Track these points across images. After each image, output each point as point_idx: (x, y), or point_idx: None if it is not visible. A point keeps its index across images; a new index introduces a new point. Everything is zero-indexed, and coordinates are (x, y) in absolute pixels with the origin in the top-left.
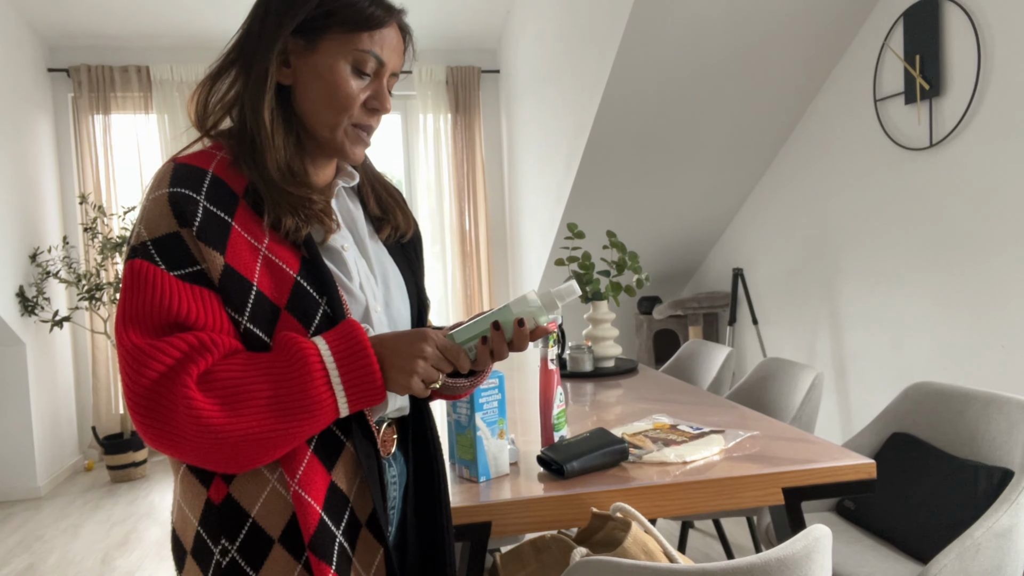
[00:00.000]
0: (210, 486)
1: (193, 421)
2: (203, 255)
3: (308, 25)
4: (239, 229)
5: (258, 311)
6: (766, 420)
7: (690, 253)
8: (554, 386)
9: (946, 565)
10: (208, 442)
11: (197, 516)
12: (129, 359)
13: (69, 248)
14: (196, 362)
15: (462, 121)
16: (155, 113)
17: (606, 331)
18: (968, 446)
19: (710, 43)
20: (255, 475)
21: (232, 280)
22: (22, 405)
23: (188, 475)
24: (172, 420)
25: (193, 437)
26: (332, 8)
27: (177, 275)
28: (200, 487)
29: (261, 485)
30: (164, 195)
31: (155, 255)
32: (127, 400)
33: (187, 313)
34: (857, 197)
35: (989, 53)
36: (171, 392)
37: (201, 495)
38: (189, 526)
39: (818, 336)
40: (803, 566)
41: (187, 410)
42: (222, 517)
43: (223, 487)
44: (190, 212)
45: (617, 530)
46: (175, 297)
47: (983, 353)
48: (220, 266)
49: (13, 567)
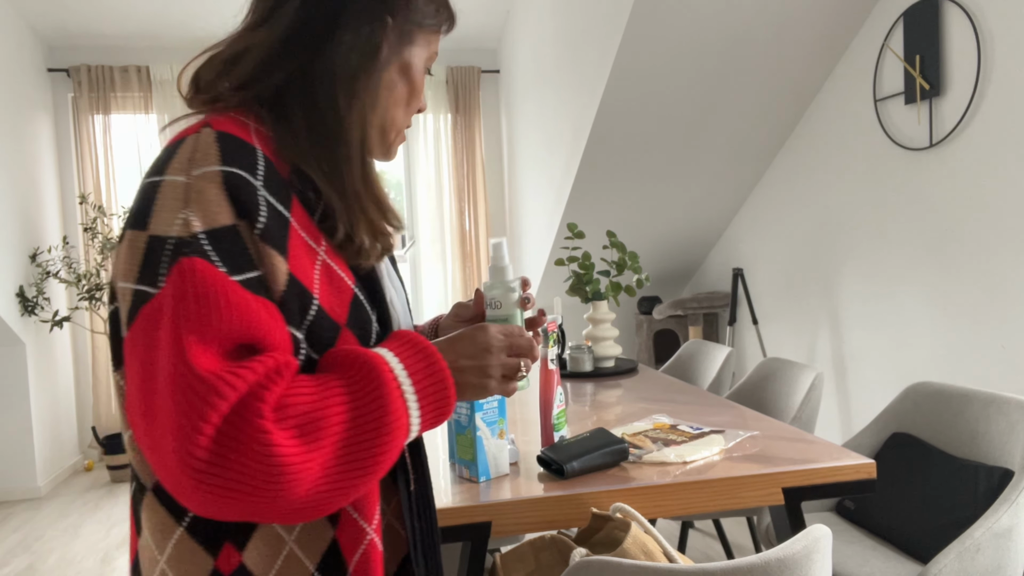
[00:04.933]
0: (218, 554)
1: (265, 462)
2: (262, 258)
3: (412, 11)
4: (296, 228)
5: (316, 329)
6: (766, 420)
7: (690, 253)
8: (554, 386)
9: (946, 565)
10: (280, 487)
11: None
12: (193, 392)
13: (69, 248)
14: (271, 391)
15: (462, 121)
16: (155, 113)
17: (606, 331)
18: (968, 446)
19: (710, 43)
20: (270, 537)
21: (294, 291)
22: (22, 405)
23: (186, 541)
24: (239, 466)
25: (262, 484)
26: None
27: (239, 281)
28: (204, 556)
29: (277, 548)
30: (215, 174)
31: (212, 253)
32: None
33: (264, 333)
34: (857, 197)
35: (989, 53)
36: (240, 431)
37: (205, 566)
38: None
39: (818, 336)
40: (803, 566)
41: (261, 448)
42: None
43: (235, 555)
44: (250, 202)
45: (617, 530)
46: (249, 311)
47: (983, 353)
48: (284, 274)
49: (13, 567)
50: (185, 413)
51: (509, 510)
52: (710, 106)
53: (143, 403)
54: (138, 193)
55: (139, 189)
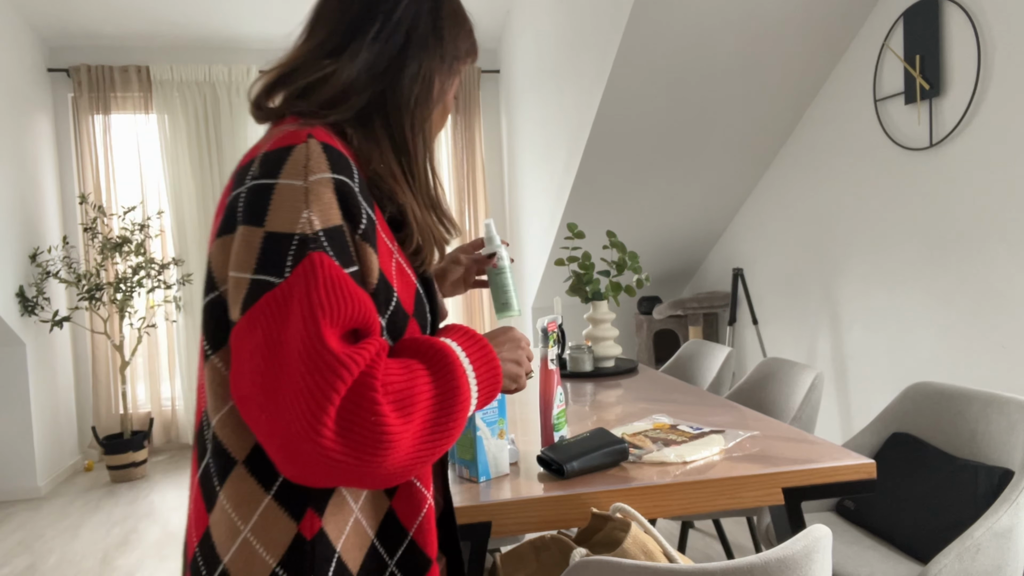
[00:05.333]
0: (302, 519)
1: (375, 430)
2: (360, 255)
3: (457, 48)
4: (380, 230)
5: (394, 318)
6: (766, 420)
7: (690, 253)
8: (554, 386)
9: (946, 565)
10: (385, 454)
11: (278, 555)
12: (327, 367)
13: (69, 248)
14: (379, 368)
15: (462, 121)
16: (155, 113)
17: (606, 331)
18: (968, 446)
19: (710, 43)
20: (342, 505)
21: (382, 285)
22: (22, 405)
23: (273, 508)
24: (356, 434)
25: (371, 450)
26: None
27: (348, 274)
28: (289, 521)
29: (346, 516)
30: (328, 180)
31: (328, 249)
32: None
33: (372, 320)
34: (857, 197)
35: (989, 53)
36: (359, 404)
37: (289, 531)
38: (259, 567)
39: (818, 336)
40: (803, 566)
41: (375, 418)
42: (314, 555)
43: (316, 520)
44: (353, 205)
45: (617, 530)
46: (363, 301)
47: (983, 353)
48: (376, 269)
49: (13, 567)
50: (319, 385)
51: (509, 510)
52: (710, 106)
53: (265, 376)
54: (247, 194)
55: (247, 190)
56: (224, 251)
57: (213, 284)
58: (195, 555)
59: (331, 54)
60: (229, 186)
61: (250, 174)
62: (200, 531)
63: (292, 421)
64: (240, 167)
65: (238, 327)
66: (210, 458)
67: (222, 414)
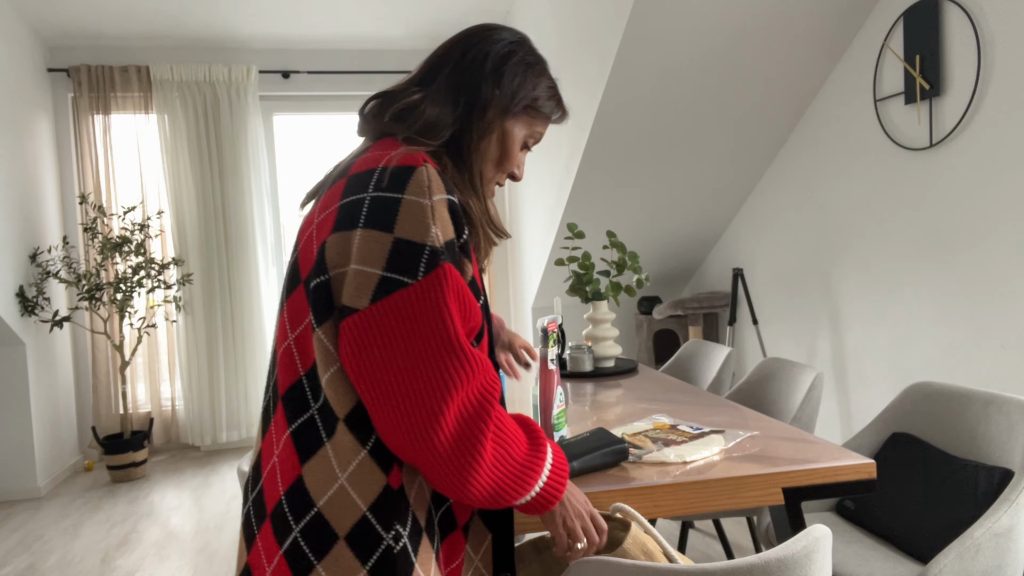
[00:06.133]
0: (391, 472)
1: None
2: (464, 266)
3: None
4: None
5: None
6: (766, 420)
7: (690, 253)
8: (554, 386)
9: (946, 565)
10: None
11: (369, 501)
12: (460, 363)
13: (69, 248)
14: (498, 402)
15: None
16: (155, 113)
17: (606, 331)
18: (968, 446)
19: (710, 43)
20: (413, 471)
21: (475, 292)
22: (22, 405)
23: (367, 461)
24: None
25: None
26: (545, 97)
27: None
28: (380, 472)
29: (415, 475)
30: (444, 200)
31: (453, 260)
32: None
33: (480, 324)
34: (857, 197)
35: (989, 53)
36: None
37: (380, 480)
38: (351, 510)
39: (818, 336)
40: (803, 566)
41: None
42: (398, 503)
43: (399, 474)
44: (459, 223)
45: (617, 530)
46: (476, 307)
47: (983, 353)
48: (470, 275)
49: (13, 567)
50: (452, 378)
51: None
52: (710, 106)
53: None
54: (371, 202)
55: (372, 199)
56: (343, 244)
57: (324, 269)
58: (280, 504)
59: (420, 83)
60: (341, 187)
61: (372, 184)
62: (288, 482)
63: (424, 402)
64: (354, 174)
65: (366, 313)
66: (315, 413)
67: (328, 375)
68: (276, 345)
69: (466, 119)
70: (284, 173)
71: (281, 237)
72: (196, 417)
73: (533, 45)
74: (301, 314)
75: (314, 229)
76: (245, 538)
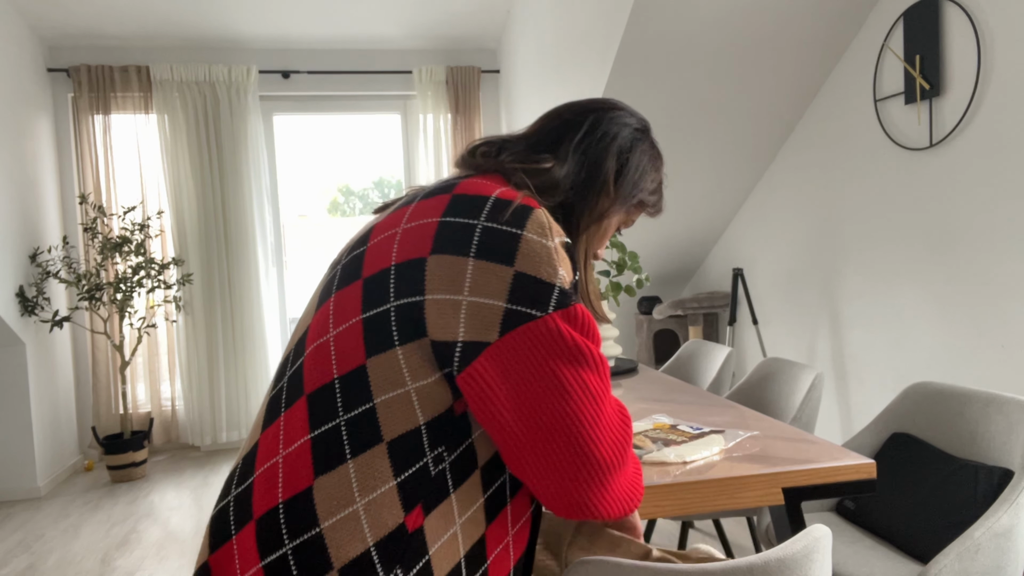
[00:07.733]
0: (412, 511)
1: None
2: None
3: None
4: None
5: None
6: (766, 420)
7: (690, 253)
8: None
9: (946, 565)
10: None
11: (379, 536)
12: (621, 419)
13: (69, 248)
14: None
15: (462, 121)
16: (155, 113)
17: (606, 331)
18: (968, 446)
19: (710, 43)
20: (447, 515)
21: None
22: (22, 405)
23: (393, 493)
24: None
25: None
26: (654, 192)
27: None
28: (400, 509)
29: (447, 526)
30: (564, 243)
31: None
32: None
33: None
34: (857, 197)
35: (989, 53)
36: (636, 473)
37: (397, 517)
38: (356, 541)
39: (818, 336)
40: (803, 566)
41: (634, 478)
42: (407, 546)
43: (420, 518)
44: (571, 266)
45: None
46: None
47: (983, 353)
48: None
49: (13, 567)
50: (623, 432)
51: None
52: (710, 106)
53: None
54: (483, 232)
55: (484, 229)
56: (446, 269)
57: (420, 289)
58: (274, 512)
59: (547, 148)
60: (444, 201)
61: (485, 213)
62: (293, 490)
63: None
64: (461, 193)
65: (498, 346)
66: (342, 424)
67: (390, 396)
68: (306, 337)
69: (581, 192)
70: (284, 173)
71: (281, 237)
72: (196, 417)
73: (652, 135)
74: (351, 311)
75: (399, 232)
76: (212, 534)
